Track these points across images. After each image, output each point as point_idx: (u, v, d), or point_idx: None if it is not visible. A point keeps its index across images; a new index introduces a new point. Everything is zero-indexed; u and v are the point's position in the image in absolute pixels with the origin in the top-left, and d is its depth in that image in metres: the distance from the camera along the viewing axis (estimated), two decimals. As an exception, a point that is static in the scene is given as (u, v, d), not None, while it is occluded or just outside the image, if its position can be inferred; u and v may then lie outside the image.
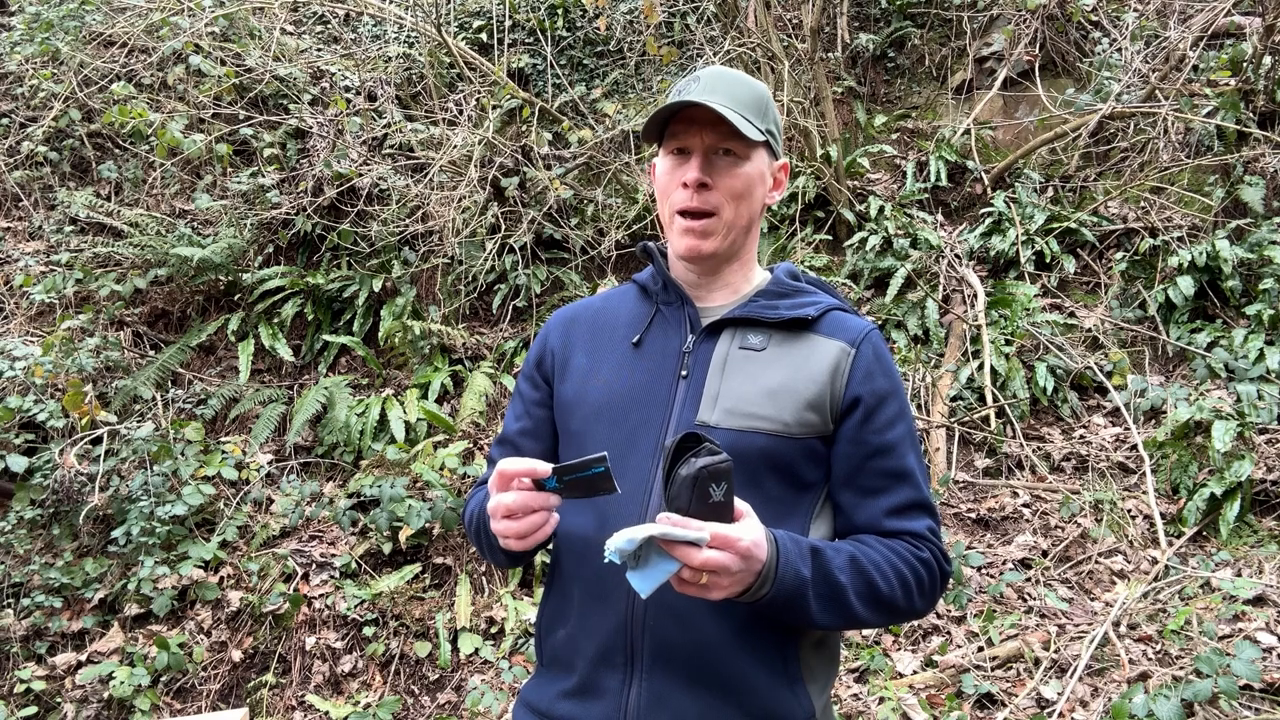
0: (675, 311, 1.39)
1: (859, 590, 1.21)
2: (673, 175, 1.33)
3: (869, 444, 1.29)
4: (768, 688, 1.25)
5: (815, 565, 1.17)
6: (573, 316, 1.49)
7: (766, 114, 1.33)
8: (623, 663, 1.26)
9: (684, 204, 1.30)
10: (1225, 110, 4.89)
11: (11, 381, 4.38)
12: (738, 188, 1.31)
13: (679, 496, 1.06)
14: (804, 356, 1.31)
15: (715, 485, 1.05)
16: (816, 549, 1.19)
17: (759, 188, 1.34)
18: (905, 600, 1.25)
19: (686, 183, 1.29)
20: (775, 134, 1.36)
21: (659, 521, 1.05)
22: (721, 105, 1.25)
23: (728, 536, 1.06)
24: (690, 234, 1.31)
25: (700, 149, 1.29)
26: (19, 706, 3.65)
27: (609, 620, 1.27)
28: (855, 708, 3.14)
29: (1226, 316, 4.56)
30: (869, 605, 1.22)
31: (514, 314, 5.39)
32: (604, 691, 1.27)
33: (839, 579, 1.19)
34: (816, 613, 1.17)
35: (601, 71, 6.26)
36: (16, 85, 5.89)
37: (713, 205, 1.30)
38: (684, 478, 1.05)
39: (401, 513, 4.09)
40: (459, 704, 3.65)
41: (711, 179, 1.29)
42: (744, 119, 1.27)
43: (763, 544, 1.11)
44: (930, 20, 6.36)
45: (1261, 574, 3.34)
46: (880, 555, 1.25)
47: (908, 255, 5.14)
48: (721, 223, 1.31)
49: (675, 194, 1.32)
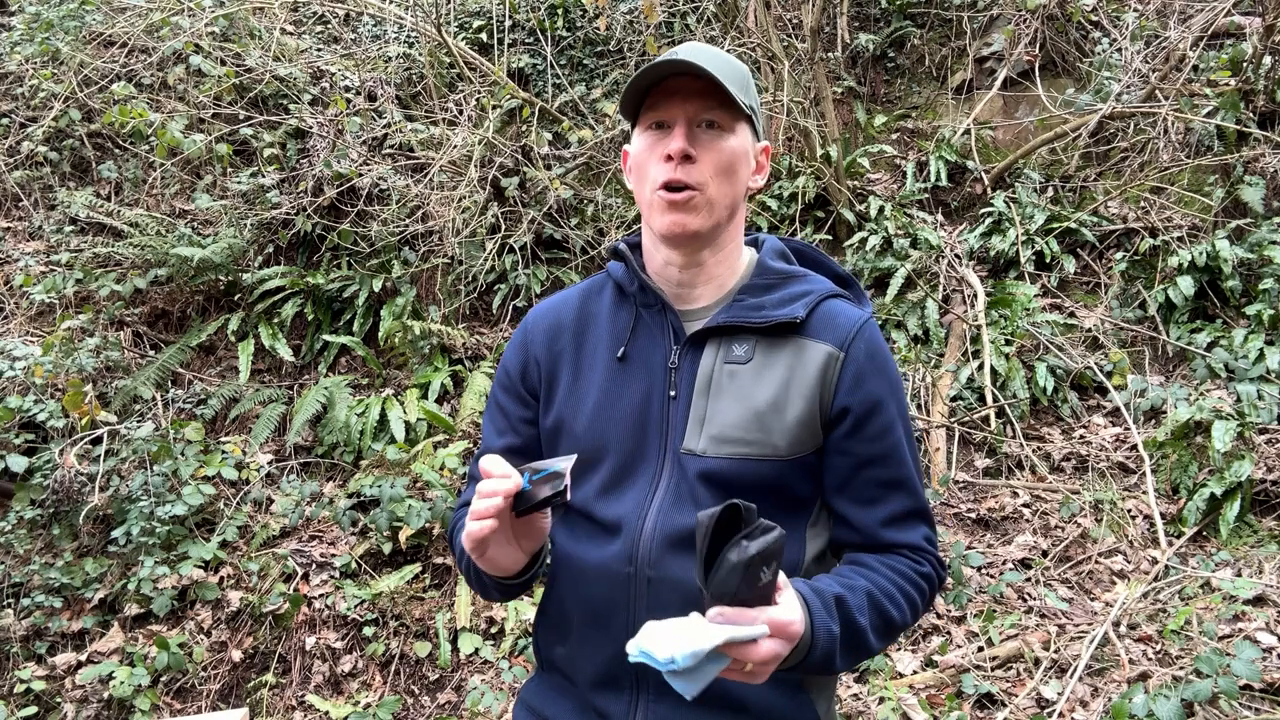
0: (656, 317, 1.30)
1: (876, 626, 1.18)
2: (652, 150, 1.23)
3: (859, 454, 1.24)
4: (775, 704, 1.24)
5: (842, 617, 1.12)
6: (554, 322, 1.38)
7: (749, 90, 1.25)
8: (628, 686, 1.24)
9: (667, 176, 1.20)
10: (1225, 110, 4.89)
11: (11, 381, 4.38)
12: (723, 161, 1.21)
13: (727, 583, 0.94)
14: (790, 367, 1.23)
15: (766, 568, 0.95)
16: (840, 598, 1.13)
17: (744, 166, 1.25)
18: (912, 619, 1.24)
19: (670, 154, 1.19)
20: (757, 112, 1.27)
21: (711, 619, 0.96)
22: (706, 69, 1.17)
23: (782, 622, 0.99)
24: (674, 208, 1.21)
25: (683, 119, 1.20)
26: (19, 706, 3.65)
27: (609, 647, 1.23)
28: (855, 708, 3.14)
29: (1226, 316, 4.56)
30: (881, 636, 1.19)
31: (514, 314, 5.39)
32: (609, 714, 1.25)
33: (860, 621, 1.14)
34: (839, 663, 1.12)
35: (601, 71, 6.26)
36: (16, 85, 5.88)
37: (697, 180, 1.20)
38: (734, 564, 0.93)
39: (401, 513, 4.09)
40: (459, 704, 3.65)
41: (696, 151, 1.20)
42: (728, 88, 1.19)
43: (802, 617, 1.05)
44: (930, 20, 6.36)
45: (1261, 574, 3.34)
46: (890, 583, 1.21)
47: (908, 255, 5.14)
48: (705, 199, 1.21)
49: (655, 169, 1.22)
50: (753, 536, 0.95)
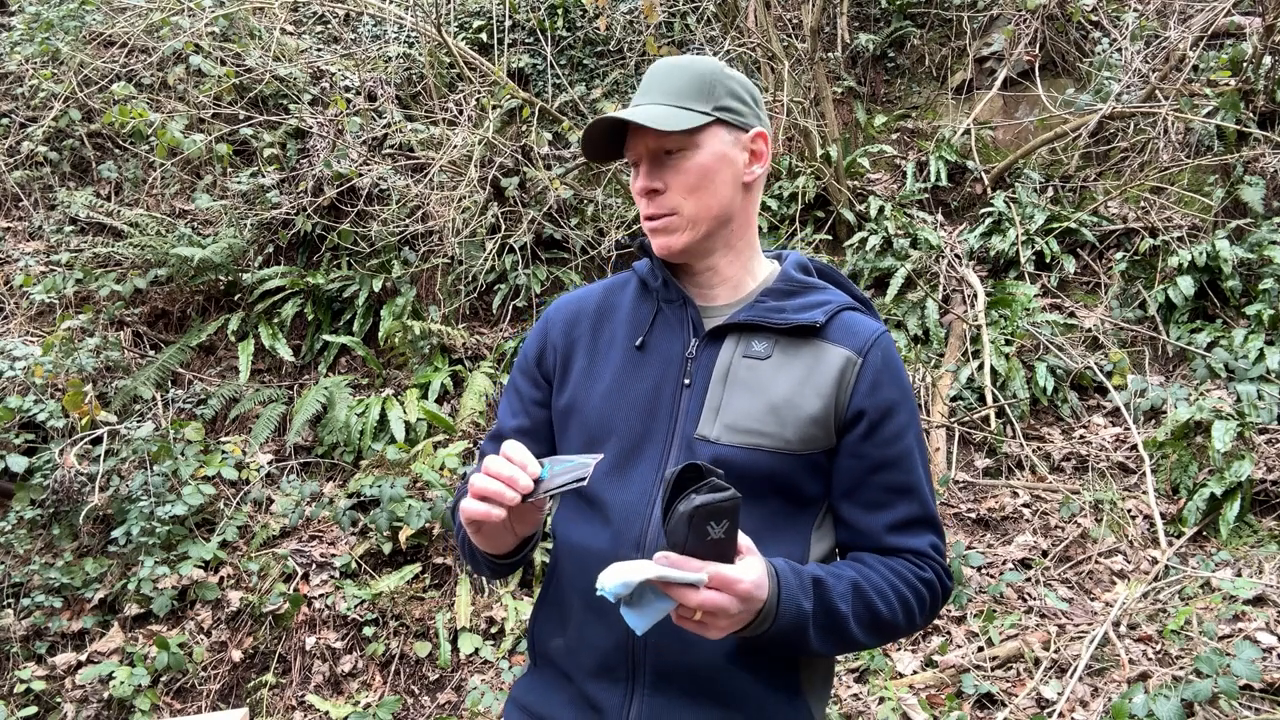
0: (677, 311, 1.34)
1: (860, 616, 1.19)
2: (633, 185, 1.31)
3: (871, 458, 1.26)
4: (769, 702, 1.24)
5: (817, 597, 1.15)
6: (575, 311, 1.42)
7: (713, 91, 1.26)
8: (624, 678, 1.24)
9: (644, 210, 1.29)
10: (1225, 110, 4.89)
11: (11, 381, 4.38)
12: (691, 181, 1.26)
13: (676, 533, 1.02)
14: (809, 367, 1.26)
15: (714, 523, 1.01)
16: (819, 580, 1.16)
17: (724, 170, 1.27)
18: (905, 621, 1.24)
19: (638, 191, 1.29)
20: (734, 107, 1.28)
21: (655, 560, 1.02)
22: (641, 115, 1.21)
23: (727, 578, 1.03)
24: (657, 234, 1.29)
25: (646, 156, 1.27)
26: (19, 706, 3.65)
27: (609, 636, 1.24)
28: (855, 708, 3.14)
29: (1226, 316, 4.56)
30: (868, 630, 1.20)
31: (514, 314, 5.39)
32: (603, 708, 1.25)
33: (840, 608, 1.17)
34: (816, 643, 1.15)
35: (601, 71, 6.26)
36: (16, 85, 5.88)
37: (669, 207, 1.27)
38: (681, 514, 1.00)
39: (401, 513, 4.09)
40: (459, 704, 3.66)
41: (662, 181, 1.26)
42: (680, 109, 1.23)
43: (764, 583, 1.08)
44: (930, 20, 6.36)
45: (1261, 574, 3.34)
46: (882, 578, 1.22)
47: (908, 255, 5.14)
48: (684, 219, 1.27)
49: (638, 202, 1.31)
50: (701, 490, 1.00)
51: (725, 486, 1.01)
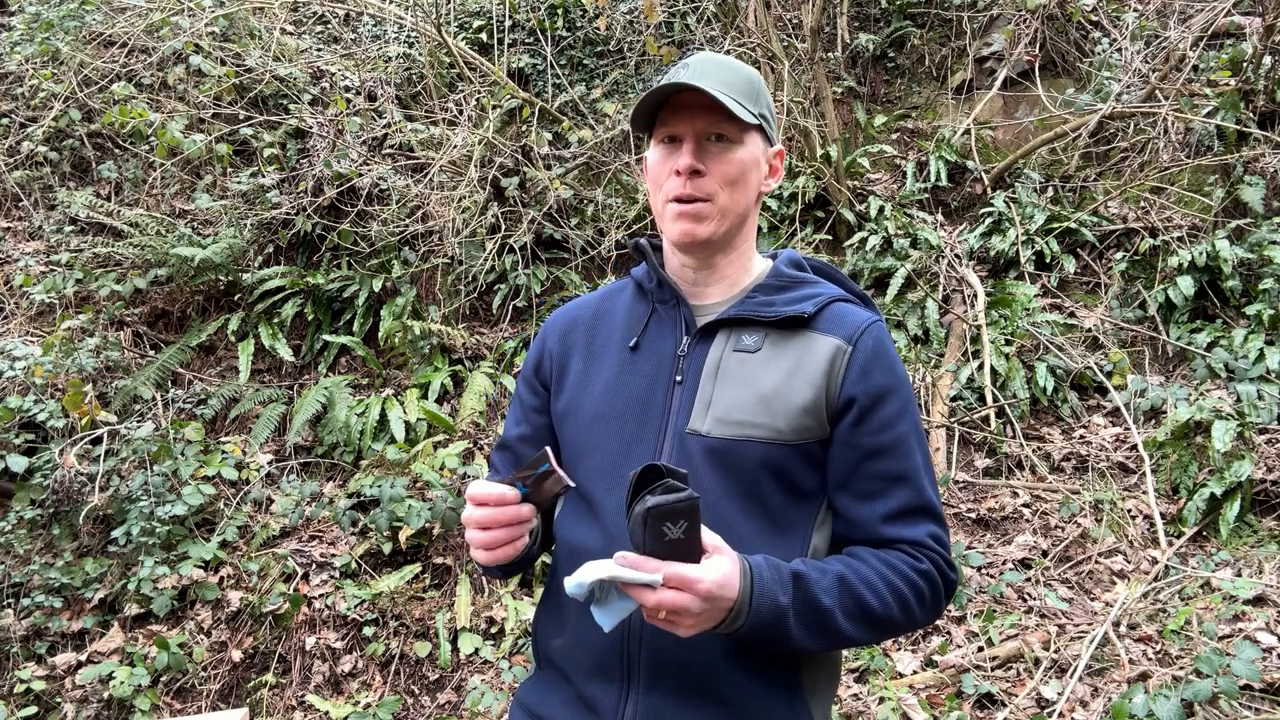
0: (671, 311, 1.35)
1: (848, 610, 1.17)
2: (665, 163, 1.29)
3: (864, 446, 1.24)
4: (767, 703, 1.23)
5: (796, 591, 1.14)
6: (572, 319, 1.45)
7: (759, 98, 1.29)
8: (619, 677, 1.24)
9: (677, 191, 1.26)
10: (1225, 110, 4.89)
11: (11, 381, 4.38)
12: (731, 173, 1.26)
13: (634, 534, 1.03)
14: (799, 357, 1.26)
15: (670, 524, 1.01)
16: (799, 574, 1.15)
17: (754, 174, 1.30)
18: (904, 615, 1.21)
19: (679, 169, 1.25)
20: (769, 119, 1.32)
21: (615, 561, 1.04)
22: (713, 89, 1.21)
23: (686, 577, 1.03)
24: (684, 218, 1.27)
25: (692, 135, 1.26)
26: (19, 706, 3.65)
27: (604, 635, 1.23)
28: (855, 708, 3.14)
29: (1226, 316, 4.56)
30: (859, 624, 1.18)
31: (514, 314, 5.39)
32: (600, 706, 1.25)
33: (824, 602, 1.15)
34: (802, 638, 1.14)
35: (601, 71, 6.26)
36: (16, 85, 5.89)
37: (706, 192, 1.26)
38: (636, 515, 1.01)
39: (401, 513, 4.09)
40: (459, 704, 3.66)
41: (704, 165, 1.25)
42: (736, 102, 1.23)
43: (731, 581, 1.08)
44: (930, 20, 6.36)
45: (1261, 574, 3.34)
46: (873, 571, 1.20)
47: (908, 255, 5.14)
48: (716, 208, 1.27)
49: (668, 182, 1.28)
50: (654, 493, 1.01)
51: (681, 487, 1.02)
